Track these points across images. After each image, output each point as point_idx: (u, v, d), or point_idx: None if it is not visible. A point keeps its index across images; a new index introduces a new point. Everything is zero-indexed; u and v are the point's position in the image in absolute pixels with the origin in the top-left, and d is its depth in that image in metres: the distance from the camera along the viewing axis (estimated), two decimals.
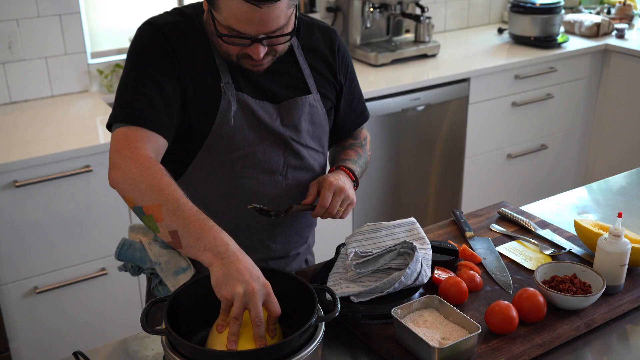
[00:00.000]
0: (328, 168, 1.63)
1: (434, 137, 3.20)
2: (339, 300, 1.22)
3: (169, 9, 1.48)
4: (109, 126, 1.39)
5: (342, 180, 1.50)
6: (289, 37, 1.35)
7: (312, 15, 3.18)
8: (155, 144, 1.34)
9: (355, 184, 1.56)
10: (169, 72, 1.38)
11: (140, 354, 1.34)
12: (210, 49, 1.42)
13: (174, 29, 1.40)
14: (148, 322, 1.15)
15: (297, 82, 1.50)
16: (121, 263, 1.50)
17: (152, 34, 1.40)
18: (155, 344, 1.36)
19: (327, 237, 2.36)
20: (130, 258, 1.47)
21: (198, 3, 1.46)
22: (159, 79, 1.37)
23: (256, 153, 1.46)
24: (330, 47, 1.56)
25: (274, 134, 1.47)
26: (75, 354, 1.33)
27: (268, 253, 1.57)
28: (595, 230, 1.54)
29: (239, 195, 1.48)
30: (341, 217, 1.51)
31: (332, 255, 1.55)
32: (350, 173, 1.55)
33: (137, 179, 1.25)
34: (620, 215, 1.42)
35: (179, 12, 1.45)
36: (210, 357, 1.10)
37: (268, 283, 1.16)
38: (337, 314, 1.18)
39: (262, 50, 1.34)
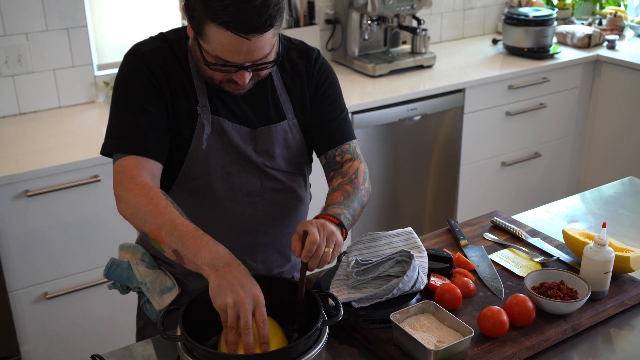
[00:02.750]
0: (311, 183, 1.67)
1: (430, 146, 3.29)
2: (341, 306, 1.30)
3: (154, 34, 1.54)
4: (106, 154, 1.48)
5: (320, 221, 1.38)
6: (273, 64, 1.41)
7: (310, 27, 3.28)
8: (149, 169, 1.42)
9: (341, 227, 1.42)
10: (154, 98, 1.45)
11: (153, 357, 1.42)
12: (189, 73, 1.48)
13: (156, 56, 1.47)
14: (164, 329, 1.23)
15: (272, 108, 1.54)
16: (110, 282, 1.59)
17: (134, 63, 1.46)
18: (168, 348, 1.44)
19: None
20: (117, 277, 1.56)
21: (181, 28, 1.53)
22: (145, 105, 1.44)
23: (232, 175, 1.52)
24: (307, 65, 1.58)
25: (247, 158, 1.53)
26: (93, 357, 1.41)
27: (250, 271, 1.59)
28: (582, 239, 1.63)
29: (218, 218, 1.54)
30: (329, 262, 1.37)
31: (334, 263, 1.63)
32: (333, 218, 1.41)
33: (137, 206, 1.34)
34: (604, 225, 1.50)
35: (161, 38, 1.51)
36: None
37: (258, 293, 1.22)
38: (340, 318, 1.27)
39: (248, 77, 1.39)
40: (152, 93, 1.45)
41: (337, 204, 1.46)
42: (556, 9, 3.84)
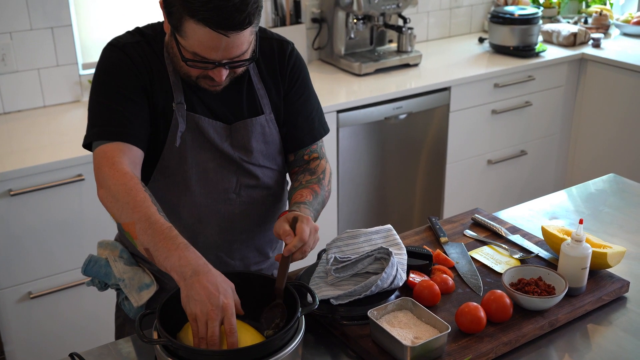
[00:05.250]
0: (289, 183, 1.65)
1: (416, 145, 3.30)
2: (317, 296, 1.32)
3: (131, 29, 1.53)
4: (87, 145, 1.45)
5: (313, 223, 1.42)
6: (250, 61, 1.41)
7: (297, 26, 3.28)
8: (130, 156, 1.39)
9: None
10: (137, 88, 1.44)
11: (132, 355, 1.43)
12: (165, 69, 1.47)
13: (136, 49, 1.46)
14: (142, 328, 1.23)
15: (249, 103, 1.54)
16: (89, 279, 1.58)
17: (115, 55, 1.45)
18: (147, 345, 1.44)
19: None
20: (95, 274, 1.56)
21: (157, 23, 1.52)
22: (128, 94, 1.43)
23: (208, 171, 1.51)
24: (281, 58, 1.57)
25: (223, 154, 1.52)
26: (71, 355, 1.41)
27: (227, 268, 1.60)
28: (560, 235, 1.64)
29: (194, 215, 1.53)
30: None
31: (314, 260, 1.64)
32: None
33: (115, 195, 1.31)
34: (581, 221, 1.52)
35: (139, 32, 1.50)
36: (202, 357, 1.18)
37: (227, 302, 1.19)
38: (316, 306, 1.28)
39: (224, 73, 1.39)
40: (135, 83, 1.43)
41: (307, 204, 1.50)
42: (542, 8, 3.86)
